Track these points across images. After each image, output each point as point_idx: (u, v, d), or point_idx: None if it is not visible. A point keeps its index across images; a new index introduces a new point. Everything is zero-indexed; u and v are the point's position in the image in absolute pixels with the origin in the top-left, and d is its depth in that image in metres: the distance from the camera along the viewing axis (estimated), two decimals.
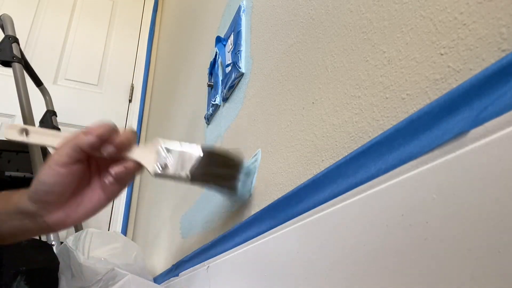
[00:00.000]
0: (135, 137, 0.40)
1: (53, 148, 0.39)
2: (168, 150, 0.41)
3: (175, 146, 0.41)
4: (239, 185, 0.45)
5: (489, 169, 0.18)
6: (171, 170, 0.40)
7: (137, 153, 0.39)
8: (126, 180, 0.40)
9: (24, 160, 0.95)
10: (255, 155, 0.48)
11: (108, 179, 0.39)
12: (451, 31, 0.23)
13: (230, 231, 0.49)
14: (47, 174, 0.36)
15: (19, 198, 0.38)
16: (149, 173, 0.40)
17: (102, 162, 0.40)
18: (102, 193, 0.40)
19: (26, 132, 0.39)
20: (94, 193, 0.40)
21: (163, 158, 0.40)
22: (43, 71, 1.53)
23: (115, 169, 0.38)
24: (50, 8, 1.87)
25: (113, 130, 0.38)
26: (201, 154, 0.41)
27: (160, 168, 0.40)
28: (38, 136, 0.39)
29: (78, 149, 0.36)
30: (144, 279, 0.64)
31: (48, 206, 0.38)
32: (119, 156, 0.39)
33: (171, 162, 0.40)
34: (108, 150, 0.38)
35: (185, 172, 0.40)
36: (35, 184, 0.37)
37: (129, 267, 0.77)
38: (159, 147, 0.41)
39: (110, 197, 0.41)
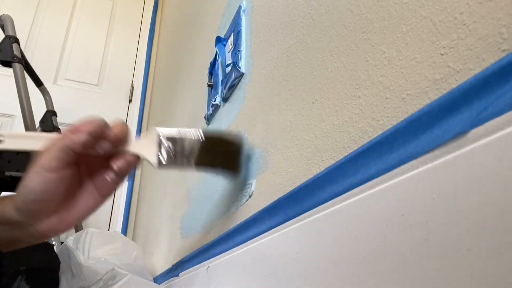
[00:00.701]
0: (129, 129, 0.37)
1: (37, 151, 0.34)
2: (167, 139, 0.38)
3: (174, 133, 0.39)
4: (242, 165, 0.43)
5: (489, 169, 0.18)
6: (173, 159, 0.38)
7: (136, 146, 0.37)
8: (125, 175, 0.37)
9: (24, 160, 0.95)
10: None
11: (110, 176, 0.36)
12: (451, 31, 0.23)
13: (230, 231, 0.49)
14: (35, 181, 0.32)
15: (4, 207, 0.34)
16: (151, 165, 0.38)
17: (92, 160, 0.37)
18: (96, 193, 0.37)
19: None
20: (88, 195, 0.37)
21: (164, 147, 0.38)
22: (43, 71, 1.53)
23: (118, 164, 0.35)
24: (50, 8, 1.87)
25: (104, 124, 0.34)
26: (202, 139, 0.39)
27: (163, 159, 0.38)
28: (16, 141, 0.35)
29: (69, 151, 0.33)
30: (144, 279, 0.65)
31: (38, 215, 0.34)
32: (116, 151, 0.36)
33: (172, 150, 0.38)
34: (104, 147, 0.34)
35: (188, 159, 0.39)
36: (21, 192, 0.33)
37: (129, 267, 0.77)
38: (158, 136, 0.38)
39: (106, 195, 0.38)
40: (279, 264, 0.36)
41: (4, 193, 1.10)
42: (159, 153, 0.38)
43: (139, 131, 1.80)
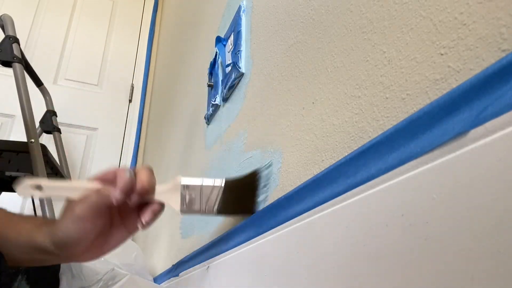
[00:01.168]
0: (154, 179, 0.40)
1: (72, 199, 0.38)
2: (190, 187, 0.41)
3: (197, 181, 0.42)
4: (258, 203, 0.45)
5: (489, 169, 0.18)
6: (196, 206, 0.42)
7: (161, 194, 0.40)
8: (152, 223, 0.41)
9: (24, 160, 0.95)
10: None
11: (140, 225, 0.40)
12: (451, 31, 0.23)
13: (230, 231, 0.49)
14: (72, 229, 0.37)
15: (36, 234, 0.38)
16: (175, 211, 0.41)
17: (123, 205, 0.40)
18: (125, 230, 0.41)
19: (39, 188, 0.39)
20: (118, 232, 0.41)
21: (187, 195, 0.41)
22: (43, 71, 1.53)
23: (146, 218, 0.39)
24: (50, 8, 1.87)
25: (133, 178, 0.38)
26: (223, 187, 0.42)
27: (186, 206, 0.41)
28: (55, 191, 0.40)
29: (103, 205, 0.37)
30: (144, 279, 0.65)
31: (74, 252, 0.38)
32: (143, 199, 0.39)
33: (195, 198, 0.42)
34: (133, 200, 0.38)
35: (211, 206, 0.42)
36: (58, 234, 0.37)
37: (129, 267, 0.77)
38: (181, 185, 0.41)
39: (134, 232, 0.42)
40: (279, 264, 0.36)
41: (3, 193, 1.10)
42: (182, 201, 0.41)
43: (139, 131, 1.80)
